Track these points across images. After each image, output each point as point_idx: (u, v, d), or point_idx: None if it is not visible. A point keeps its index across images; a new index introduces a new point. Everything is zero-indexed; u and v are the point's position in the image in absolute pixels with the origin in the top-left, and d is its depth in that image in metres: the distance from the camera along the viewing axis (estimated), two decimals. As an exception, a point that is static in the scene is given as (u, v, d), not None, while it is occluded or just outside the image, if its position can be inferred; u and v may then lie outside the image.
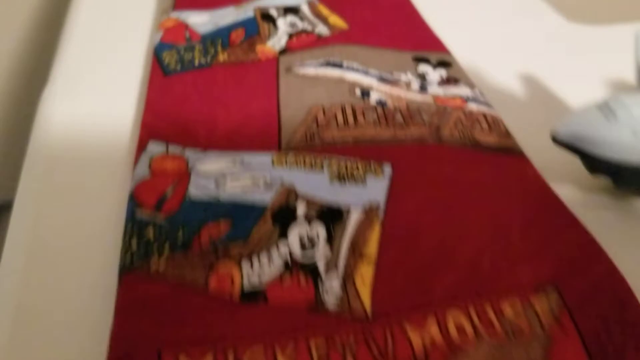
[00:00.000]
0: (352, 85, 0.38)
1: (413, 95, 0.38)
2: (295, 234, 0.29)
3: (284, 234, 0.28)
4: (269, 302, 0.26)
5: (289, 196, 0.30)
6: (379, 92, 0.38)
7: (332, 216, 0.30)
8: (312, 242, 0.28)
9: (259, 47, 0.43)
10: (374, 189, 0.31)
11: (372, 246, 0.28)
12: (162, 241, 0.28)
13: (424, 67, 0.41)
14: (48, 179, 0.38)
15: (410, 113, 0.36)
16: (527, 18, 0.51)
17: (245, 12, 0.47)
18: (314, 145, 0.34)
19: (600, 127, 0.30)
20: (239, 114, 0.37)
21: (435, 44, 0.44)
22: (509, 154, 0.34)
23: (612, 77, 0.44)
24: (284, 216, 0.29)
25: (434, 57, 0.42)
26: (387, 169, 0.32)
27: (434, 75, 0.41)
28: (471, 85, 0.40)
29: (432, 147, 0.34)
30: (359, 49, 0.42)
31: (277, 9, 0.47)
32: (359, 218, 0.30)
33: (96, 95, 0.44)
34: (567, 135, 0.31)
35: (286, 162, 0.32)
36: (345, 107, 0.36)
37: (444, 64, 0.42)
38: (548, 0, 0.53)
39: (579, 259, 0.28)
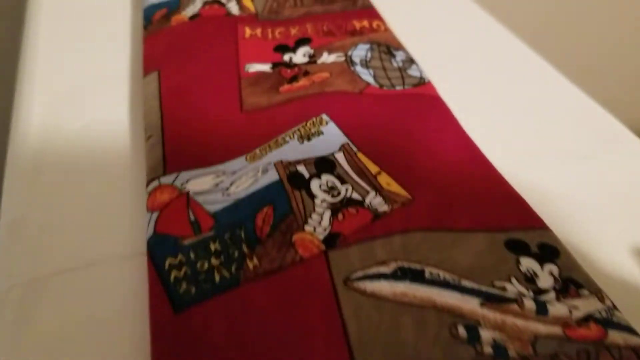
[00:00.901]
0: (452, 319, 0.27)
1: (534, 325, 0.27)
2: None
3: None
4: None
5: None
6: (489, 326, 0.27)
7: None
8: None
9: (297, 238, 0.31)
10: None
11: None
12: None
13: (527, 263, 0.30)
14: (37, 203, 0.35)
15: None
16: (611, 152, 0.42)
17: (265, 171, 0.35)
18: None
19: None
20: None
21: (524, 211, 0.34)
22: None
23: None
24: None
25: (530, 237, 0.32)
26: None
27: (545, 278, 0.30)
28: (598, 293, 0.29)
29: None
30: (437, 239, 0.31)
31: (307, 164, 0.35)
32: None
33: (80, 99, 0.42)
34: None
35: None
36: None
37: (549, 250, 0.31)
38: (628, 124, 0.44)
39: None
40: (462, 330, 0.27)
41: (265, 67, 0.45)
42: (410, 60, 0.46)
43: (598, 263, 0.34)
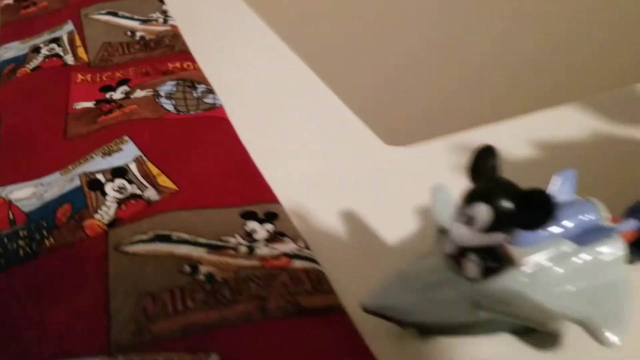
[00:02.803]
0: (181, 261, 0.40)
1: (242, 261, 0.40)
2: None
3: None
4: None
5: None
6: (207, 264, 0.40)
7: None
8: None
9: (87, 223, 0.43)
10: (204, 386, 0.32)
11: None
12: None
13: (251, 225, 0.44)
14: None
15: (238, 285, 0.38)
16: (347, 145, 0.56)
17: (71, 180, 0.47)
18: (143, 342, 0.35)
19: (400, 295, 0.34)
20: (68, 312, 0.37)
21: (263, 192, 0.47)
22: (331, 313, 0.37)
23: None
24: None
25: (261, 209, 0.45)
26: (214, 358, 0.34)
27: (262, 232, 0.43)
28: (295, 238, 0.43)
29: (258, 324, 0.36)
30: (188, 214, 0.44)
31: (104, 172, 0.48)
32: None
33: None
34: (374, 306, 0.35)
35: (116, 369, 0.33)
36: (174, 291, 0.38)
37: (271, 216, 0.45)
38: (367, 123, 0.58)
39: None
40: (186, 267, 0.39)
41: (90, 104, 0.57)
42: (209, 91, 0.59)
43: (318, 226, 0.47)
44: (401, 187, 0.51)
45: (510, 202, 0.31)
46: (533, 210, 0.31)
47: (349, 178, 0.52)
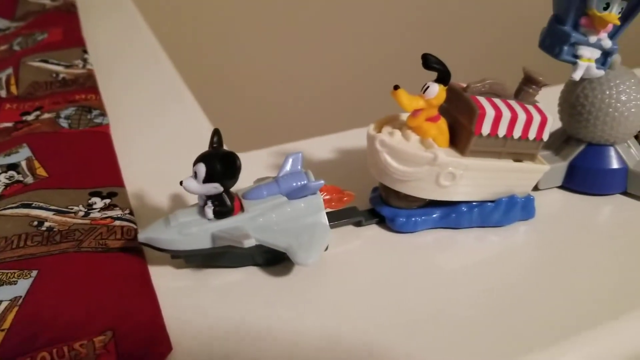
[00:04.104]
0: (33, 219, 0.56)
1: (77, 220, 0.57)
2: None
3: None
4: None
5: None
6: (51, 221, 0.56)
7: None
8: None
9: None
10: (21, 287, 0.49)
11: (7, 322, 0.46)
12: None
13: (94, 199, 0.61)
14: None
15: (67, 234, 0.55)
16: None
17: None
18: (-9, 264, 0.51)
19: (162, 231, 0.50)
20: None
21: (113, 179, 0.64)
22: (129, 252, 0.53)
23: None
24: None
25: (106, 190, 0.62)
26: (34, 272, 0.50)
27: (100, 203, 0.60)
28: (124, 208, 0.59)
29: (72, 255, 0.52)
30: (50, 191, 0.61)
31: (2, 166, 0.65)
32: (5, 306, 0.47)
33: None
34: (144, 239, 0.51)
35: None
36: (21, 235, 0.54)
37: (112, 194, 0.62)
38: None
39: (133, 312, 0.47)
40: (35, 223, 0.56)
41: (10, 124, 0.75)
42: (102, 114, 0.77)
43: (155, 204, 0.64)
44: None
45: (219, 163, 0.48)
46: (226, 167, 0.48)
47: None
